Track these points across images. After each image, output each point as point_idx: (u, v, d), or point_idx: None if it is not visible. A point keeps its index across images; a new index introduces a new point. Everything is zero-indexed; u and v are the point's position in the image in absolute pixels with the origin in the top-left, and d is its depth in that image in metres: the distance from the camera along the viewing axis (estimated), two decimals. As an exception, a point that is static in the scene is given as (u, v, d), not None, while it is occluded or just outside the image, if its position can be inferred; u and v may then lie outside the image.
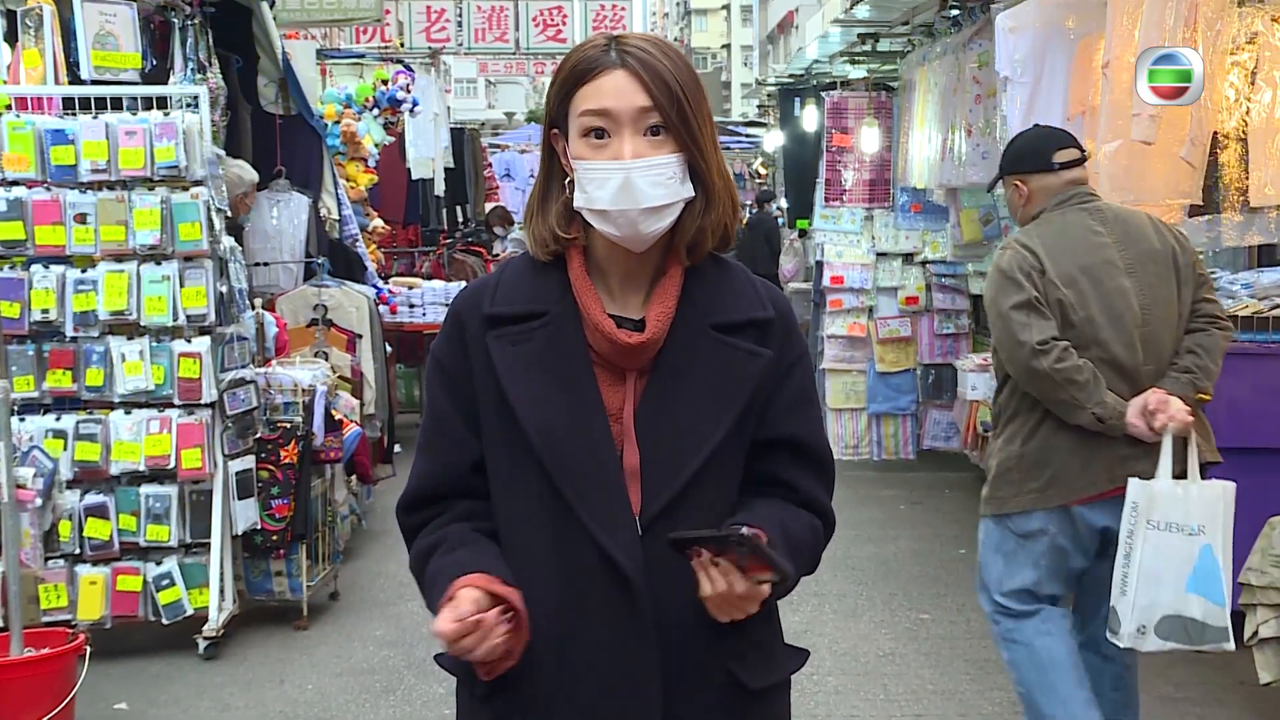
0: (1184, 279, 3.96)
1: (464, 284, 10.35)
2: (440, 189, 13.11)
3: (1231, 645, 3.80)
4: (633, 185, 1.91)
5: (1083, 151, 4.17)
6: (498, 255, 13.02)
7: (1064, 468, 3.94)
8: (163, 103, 5.89)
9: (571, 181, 1.99)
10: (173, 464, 5.72)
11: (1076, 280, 3.91)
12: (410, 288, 10.55)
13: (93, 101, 5.81)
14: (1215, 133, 5.12)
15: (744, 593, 1.85)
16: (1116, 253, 3.95)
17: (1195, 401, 3.87)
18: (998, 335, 4.01)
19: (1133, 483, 3.77)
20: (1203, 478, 3.84)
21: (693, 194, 1.97)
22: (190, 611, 5.77)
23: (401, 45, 13.77)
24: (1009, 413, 4.09)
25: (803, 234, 13.29)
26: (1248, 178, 5.19)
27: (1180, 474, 3.78)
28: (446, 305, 10.00)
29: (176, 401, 5.75)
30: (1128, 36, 4.87)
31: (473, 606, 1.83)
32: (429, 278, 11.68)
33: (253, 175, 7.29)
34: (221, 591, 5.84)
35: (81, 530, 5.68)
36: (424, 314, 10.34)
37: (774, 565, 1.81)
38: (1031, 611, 4.11)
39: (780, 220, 14.90)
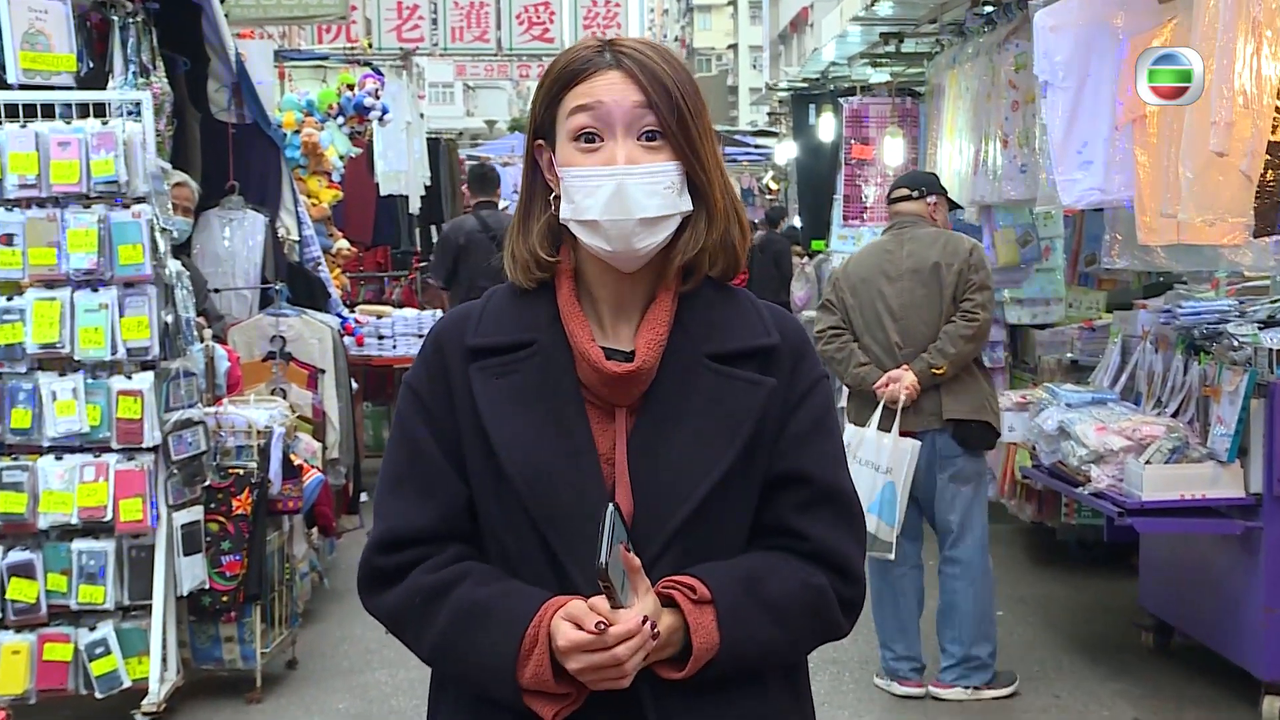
0: (945, 284, 5.97)
1: (439, 313, 10.34)
2: (416, 206, 13.12)
3: (891, 556, 5.92)
4: (626, 193, 1.94)
5: (916, 191, 6.23)
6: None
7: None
8: (100, 110, 5.87)
9: (557, 197, 2.01)
10: (109, 516, 5.66)
11: (857, 286, 6.18)
12: (379, 317, 10.54)
13: (20, 108, 5.79)
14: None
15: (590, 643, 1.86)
16: (892, 266, 6.08)
17: (930, 375, 5.90)
18: None
19: (849, 427, 6.06)
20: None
21: (690, 208, 2.00)
22: (128, 683, 5.70)
23: (369, 46, 13.79)
24: None
25: (812, 255, 13.30)
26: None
27: (888, 429, 5.94)
28: (420, 336, 10.00)
29: (114, 445, 5.70)
30: (1204, 36, 4.85)
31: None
32: (400, 305, 11.67)
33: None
34: (164, 660, 5.77)
35: (3, 592, 5.62)
36: (394, 346, 10.31)
37: (613, 600, 1.84)
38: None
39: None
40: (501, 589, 1.96)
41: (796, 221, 14.86)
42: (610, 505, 1.84)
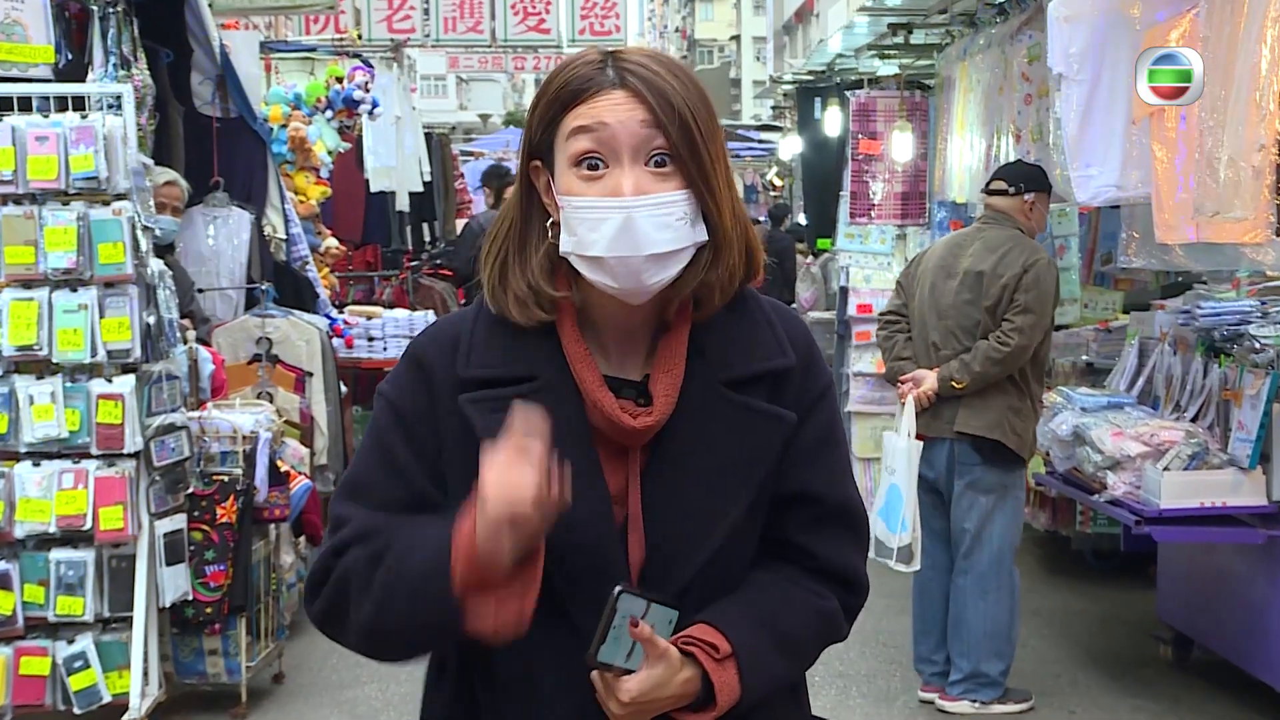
0: (987, 295, 5.97)
1: (431, 314, 10.33)
2: (405, 203, 13.10)
3: (894, 565, 5.92)
4: (634, 227, 1.86)
5: (1014, 187, 6.13)
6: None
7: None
8: (80, 103, 5.86)
9: (555, 224, 1.94)
10: (89, 524, 5.65)
11: (924, 274, 6.24)
12: (369, 318, 10.49)
13: (-3, 101, 5.79)
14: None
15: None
16: (955, 264, 6.11)
17: (950, 388, 5.96)
18: None
19: (884, 437, 6.38)
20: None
21: (705, 238, 1.94)
22: (108, 698, 5.69)
23: (359, 37, 13.80)
24: None
25: (817, 254, 13.28)
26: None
27: (908, 430, 6.04)
28: (411, 338, 9.98)
29: (94, 451, 5.69)
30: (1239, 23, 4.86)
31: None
32: (390, 306, 11.63)
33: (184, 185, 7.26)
34: (145, 674, 5.76)
35: (-20, 603, 5.61)
36: (384, 348, 10.27)
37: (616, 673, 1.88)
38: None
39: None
40: (424, 522, 1.90)
41: (801, 219, 14.84)
42: (617, 589, 1.83)
